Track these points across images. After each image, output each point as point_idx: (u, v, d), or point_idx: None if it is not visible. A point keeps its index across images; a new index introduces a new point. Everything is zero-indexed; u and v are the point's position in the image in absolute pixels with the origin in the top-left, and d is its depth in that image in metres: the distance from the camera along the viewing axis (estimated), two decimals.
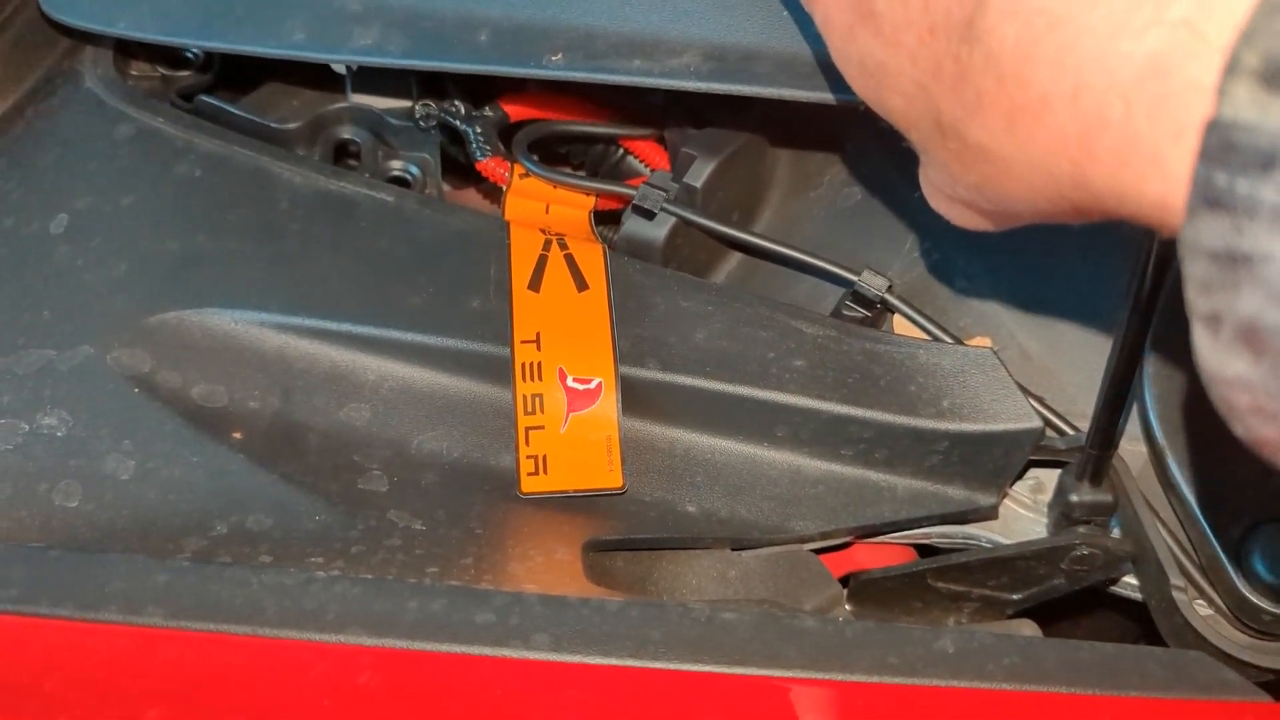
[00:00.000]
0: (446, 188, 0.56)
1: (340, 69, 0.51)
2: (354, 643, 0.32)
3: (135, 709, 0.30)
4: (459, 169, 0.56)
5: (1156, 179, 0.22)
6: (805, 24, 0.42)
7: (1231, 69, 0.20)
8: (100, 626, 0.32)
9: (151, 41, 0.50)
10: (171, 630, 0.32)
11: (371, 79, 0.52)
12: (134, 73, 0.54)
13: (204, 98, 0.53)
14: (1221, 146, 0.20)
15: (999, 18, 0.25)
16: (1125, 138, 0.23)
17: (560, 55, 0.43)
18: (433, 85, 0.53)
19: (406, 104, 0.53)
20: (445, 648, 0.32)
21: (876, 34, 0.30)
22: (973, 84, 0.26)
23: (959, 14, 0.27)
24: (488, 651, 0.32)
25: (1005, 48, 0.25)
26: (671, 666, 0.32)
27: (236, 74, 0.55)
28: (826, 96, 0.41)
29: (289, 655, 0.32)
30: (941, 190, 0.32)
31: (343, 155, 0.55)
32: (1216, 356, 0.22)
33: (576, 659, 0.32)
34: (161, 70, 0.55)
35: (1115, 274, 0.45)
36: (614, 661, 0.32)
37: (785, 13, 0.42)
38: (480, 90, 0.53)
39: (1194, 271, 0.21)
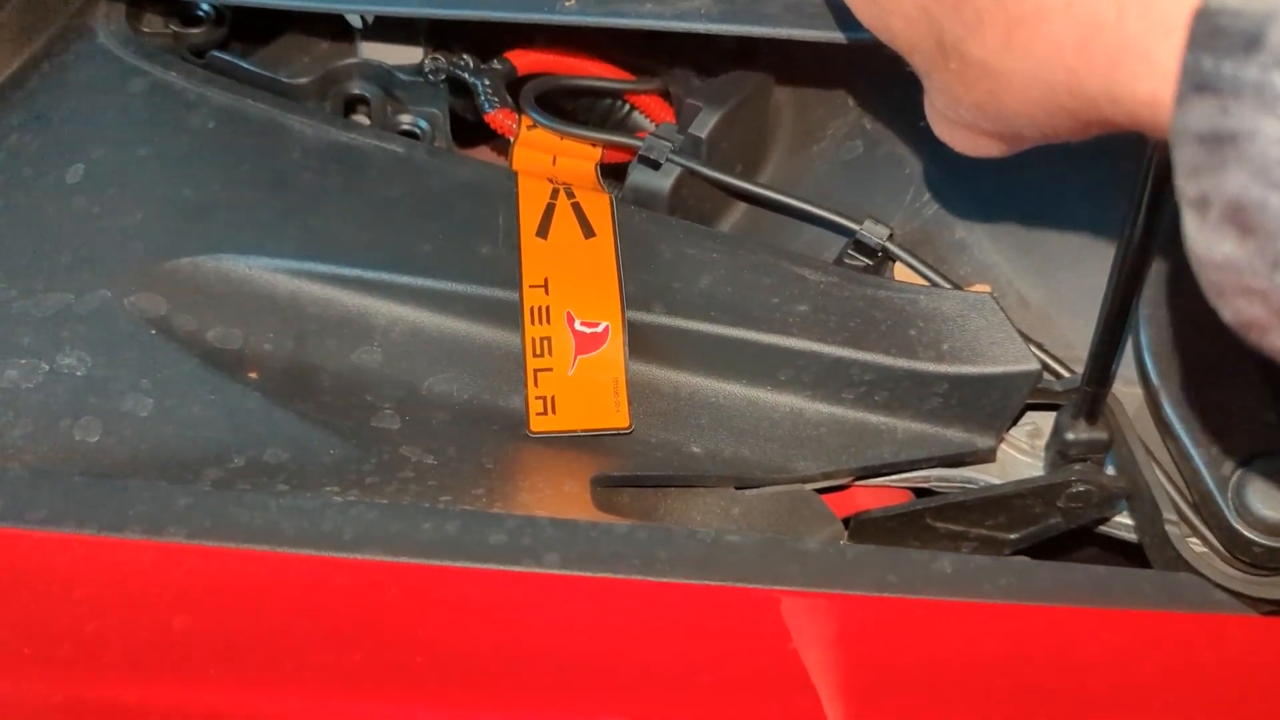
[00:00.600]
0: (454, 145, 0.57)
1: (355, 20, 0.52)
2: (371, 560, 0.33)
3: (163, 616, 0.31)
4: (467, 129, 0.56)
5: (1148, 77, 0.23)
6: None
7: None
8: (125, 542, 0.33)
9: None
10: (193, 546, 0.33)
11: (380, 31, 0.53)
12: (146, 29, 0.55)
13: (216, 53, 0.54)
14: (1208, 33, 0.21)
15: None
16: (1118, 40, 0.24)
17: (574, 1, 0.44)
18: (441, 38, 0.53)
19: (415, 59, 0.54)
20: (459, 564, 0.34)
21: None
22: (972, 3, 0.27)
23: None
24: (500, 568, 0.34)
25: None
26: (677, 581, 0.33)
27: (247, 31, 0.56)
28: (833, 35, 0.42)
29: (309, 569, 0.33)
30: (945, 115, 0.33)
31: (352, 110, 0.56)
32: (1205, 239, 0.23)
33: (586, 575, 0.33)
34: (173, 27, 0.55)
35: (1111, 222, 0.46)
36: (622, 577, 0.33)
37: None
38: (488, 44, 0.54)
39: (1183, 157, 0.22)
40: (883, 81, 0.49)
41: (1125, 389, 0.44)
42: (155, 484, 0.36)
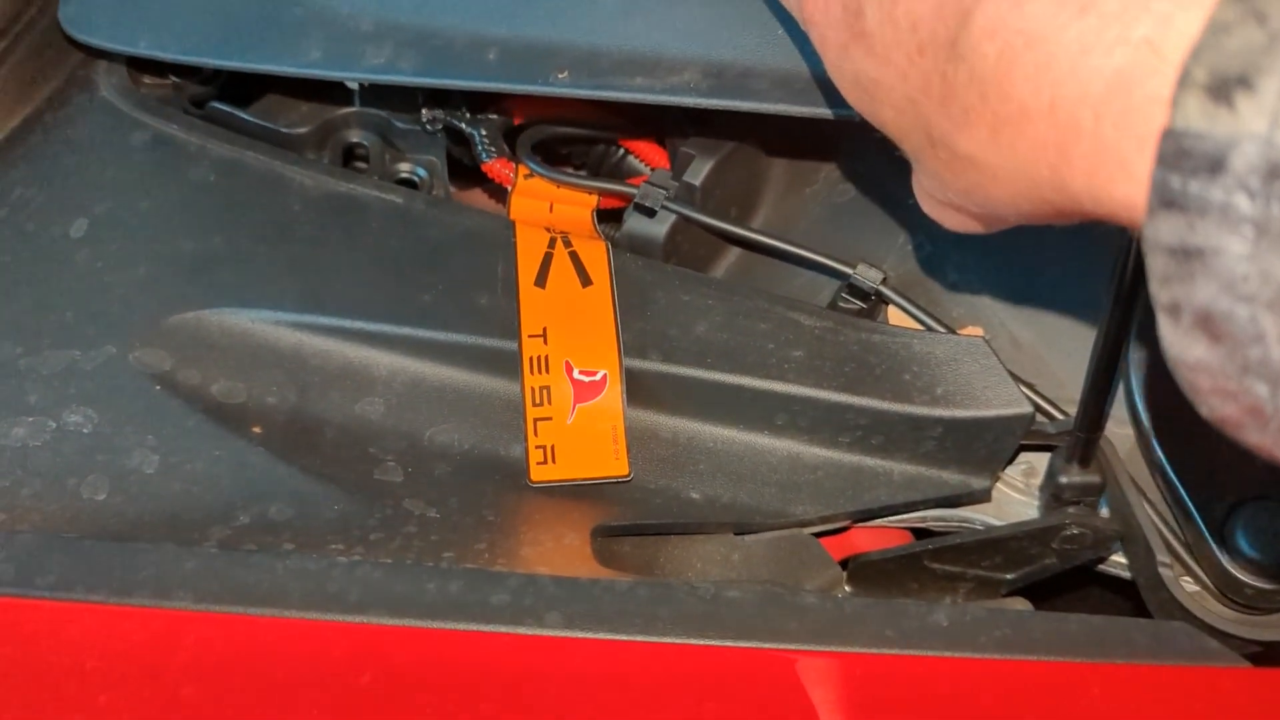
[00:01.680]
0: (452, 189, 0.58)
1: (352, 84, 0.53)
2: (376, 623, 0.34)
3: (171, 685, 0.32)
4: (464, 170, 0.57)
5: (1124, 182, 0.24)
6: (800, 41, 0.43)
7: (1183, 83, 0.22)
8: (134, 610, 0.34)
9: (172, 61, 0.52)
10: (201, 613, 0.34)
11: (380, 90, 0.54)
12: (147, 80, 0.56)
13: (216, 104, 0.55)
14: (1175, 153, 0.22)
15: (981, 37, 0.27)
16: (1096, 146, 0.24)
17: (566, 73, 0.45)
18: (438, 93, 0.54)
19: (413, 108, 0.54)
20: (463, 626, 0.34)
21: (869, 53, 0.32)
22: (959, 99, 0.28)
23: (944, 35, 0.28)
24: (503, 629, 0.34)
25: (987, 65, 0.27)
26: (678, 642, 0.34)
27: (246, 80, 0.57)
28: (821, 111, 0.43)
29: (315, 634, 0.34)
30: (934, 196, 0.34)
31: (351, 158, 0.56)
32: (1179, 343, 0.23)
33: (588, 636, 0.34)
34: (173, 78, 0.56)
35: (1101, 265, 0.46)
36: (624, 638, 0.34)
37: (780, 31, 0.44)
38: (484, 94, 0.55)
39: (1155, 265, 0.23)
40: (873, 129, 0.50)
41: (1118, 430, 0.45)
42: (162, 546, 0.37)
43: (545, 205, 0.52)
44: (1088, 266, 0.47)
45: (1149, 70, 0.23)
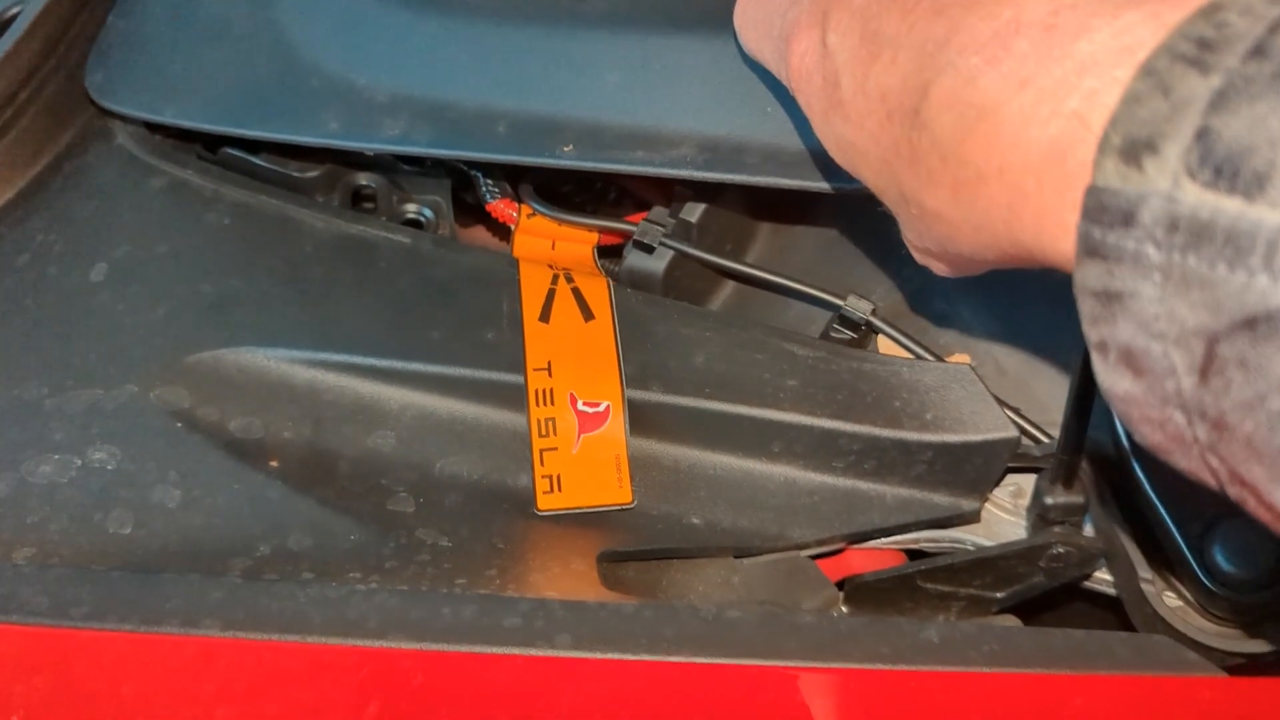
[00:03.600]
0: (457, 227, 0.60)
1: (371, 154, 0.55)
2: (395, 647, 0.36)
3: (206, 710, 0.33)
4: (468, 208, 0.59)
5: (1064, 239, 0.27)
6: (790, 116, 0.46)
7: (1102, 147, 0.25)
8: (165, 638, 0.36)
9: (198, 130, 0.54)
10: (229, 639, 0.36)
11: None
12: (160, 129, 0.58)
13: (228, 149, 0.57)
14: (1096, 208, 0.25)
15: (939, 108, 0.29)
16: (1040, 207, 0.27)
17: (572, 147, 0.47)
18: None
19: None
20: (478, 649, 0.36)
21: (846, 119, 0.34)
22: (923, 162, 0.31)
23: (909, 104, 0.31)
24: (516, 651, 0.36)
25: (946, 133, 0.29)
26: (682, 660, 0.36)
27: None
28: (809, 184, 0.45)
29: (338, 659, 0.35)
30: (916, 245, 0.36)
31: (358, 200, 0.58)
32: (1109, 377, 0.26)
33: (597, 656, 0.36)
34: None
35: None
36: (630, 657, 0.36)
37: (770, 108, 0.46)
38: None
39: (1084, 308, 0.26)
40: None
41: (1100, 451, 0.47)
42: (189, 578, 0.38)
43: (548, 243, 0.54)
44: (1068, 296, 0.49)
45: (1078, 140, 0.26)
